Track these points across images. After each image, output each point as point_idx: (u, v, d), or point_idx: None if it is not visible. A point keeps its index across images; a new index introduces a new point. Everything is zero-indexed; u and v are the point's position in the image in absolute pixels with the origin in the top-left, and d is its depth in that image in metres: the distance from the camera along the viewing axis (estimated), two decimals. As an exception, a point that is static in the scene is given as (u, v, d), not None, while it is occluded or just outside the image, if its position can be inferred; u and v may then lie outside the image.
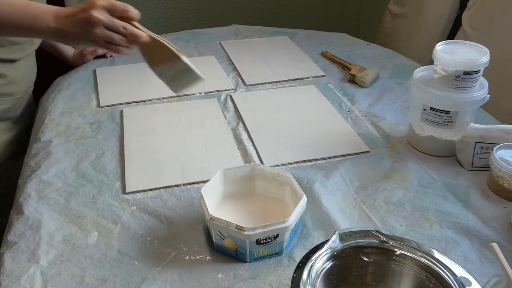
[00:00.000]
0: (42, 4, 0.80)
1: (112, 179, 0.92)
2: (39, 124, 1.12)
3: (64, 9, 0.78)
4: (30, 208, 0.83)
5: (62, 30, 0.76)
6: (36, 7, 0.78)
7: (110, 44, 0.77)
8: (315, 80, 1.32)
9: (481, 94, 0.91)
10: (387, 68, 1.37)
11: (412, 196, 0.87)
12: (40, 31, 0.77)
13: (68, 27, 0.76)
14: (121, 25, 0.76)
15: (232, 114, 1.15)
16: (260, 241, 0.70)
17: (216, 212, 0.80)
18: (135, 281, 0.70)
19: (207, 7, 2.22)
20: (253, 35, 1.64)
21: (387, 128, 1.08)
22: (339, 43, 1.56)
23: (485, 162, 0.92)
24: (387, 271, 0.65)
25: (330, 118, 1.13)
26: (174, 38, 1.61)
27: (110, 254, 0.75)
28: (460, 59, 0.90)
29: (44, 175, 0.92)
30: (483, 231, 0.79)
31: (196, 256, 0.74)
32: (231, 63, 1.42)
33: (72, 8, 0.78)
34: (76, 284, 0.69)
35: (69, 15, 0.77)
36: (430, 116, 0.94)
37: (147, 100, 1.21)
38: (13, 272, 0.71)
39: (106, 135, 1.06)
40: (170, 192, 0.88)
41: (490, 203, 0.86)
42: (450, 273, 0.60)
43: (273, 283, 0.69)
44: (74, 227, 0.80)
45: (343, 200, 0.86)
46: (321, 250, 0.62)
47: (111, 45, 0.77)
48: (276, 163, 0.95)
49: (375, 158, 0.98)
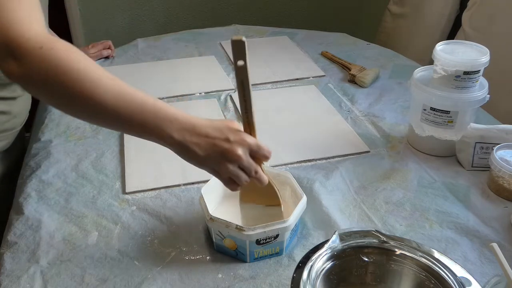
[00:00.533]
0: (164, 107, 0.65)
1: (112, 179, 0.92)
2: (39, 124, 1.12)
3: (196, 121, 0.65)
4: (30, 208, 0.83)
5: (189, 149, 0.63)
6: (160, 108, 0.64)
7: (231, 183, 0.67)
8: (315, 80, 1.32)
9: (481, 94, 0.91)
10: (387, 68, 1.37)
11: (412, 196, 0.87)
12: (156, 137, 0.64)
13: (198, 147, 0.63)
14: (254, 169, 0.66)
15: (232, 114, 1.15)
16: (260, 241, 0.70)
17: (216, 212, 0.80)
18: (135, 281, 0.70)
19: (207, 7, 2.22)
20: (253, 35, 1.64)
21: (387, 128, 1.08)
22: (339, 43, 1.56)
23: (485, 162, 0.92)
24: (387, 271, 0.65)
25: (330, 118, 1.13)
26: (174, 38, 1.61)
27: (110, 254, 0.75)
28: (460, 59, 0.90)
29: (44, 175, 0.92)
30: (483, 231, 0.79)
31: (196, 256, 0.74)
32: (231, 63, 1.42)
33: (210, 125, 0.65)
34: (76, 284, 0.69)
35: (205, 134, 0.64)
36: (430, 116, 0.94)
37: (147, 100, 1.20)
38: (13, 272, 0.71)
39: (106, 135, 1.06)
40: (170, 192, 0.88)
41: (490, 203, 0.86)
42: (450, 273, 0.60)
43: (273, 283, 0.69)
44: (74, 227, 0.80)
45: (343, 200, 0.86)
46: (321, 250, 0.62)
47: (232, 184, 0.67)
48: (276, 163, 0.95)
49: (375, 158, 0.98)
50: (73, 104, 0.61)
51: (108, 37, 1.75)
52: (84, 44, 2.11)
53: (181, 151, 0.65)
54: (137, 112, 0.62)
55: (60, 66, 0.58)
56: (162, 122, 0.63)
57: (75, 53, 0.60)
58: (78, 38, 2.12)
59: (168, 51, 1.51)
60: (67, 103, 0.62)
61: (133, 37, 1.62)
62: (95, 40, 1.46)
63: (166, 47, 1.54)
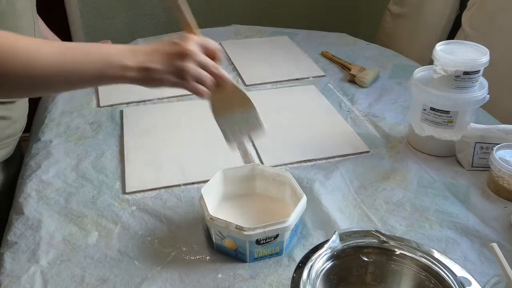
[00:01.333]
0: (107, 45, 0.67)
1: (112, 179, 0.92)
2: (39, 124, 1.12)
3: (140, 46, 0.67)
4: (30, 208, 0.83)
5: (147, 68, 0.64)
6: (103, 47, 0.65)
7: (197, 85, 0.68)
8: (315, 80, 1.32)
9: (481, 94, 0.91)
10: (387, 68, 1.37)
11: (412, 196, 0.87)
12: (114, 75, 0.64)
13: (154, 62, 0.65)
14: (213, 65, 0.68)
15: (232, 114, 1.15)
16: (260, 241, 0.70)
17: (216, 212, 0.80)
18: (135, 281, 0.70)
19: (207, 7, 2.22)
20: (253, 35, 1.64)
21: (387, 128, 1.08)
22: (339, 43, 1.56)
23: (485, 162, 0.92)
24: (387, 271, 0.65)
25: (330, 118, 1.13)
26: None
27: (110, 254, 0.75)
28: (460, 59, 0.90)
29: (44, 175, 0.92)
30: (483, 231, 0.79)
31: (196, 256, 0.74)
32: (231, 63, 1.42)
33: (153, 44, 0.67)
34: (76, 284, 0.69)
35: (153, 50, 0.66)
36: (430, 116, 0.95)
37: (147, 100, 1.21)
38: (13, 272, 0.71)
39: (106, 135, 1.06)
40: (170, 192, 0.88)
41: (490, 203, 0.86)
42: (450, 273, 0.60)
43: (273, 283, 0.69)
44: (74, 227, 0.80)
45: (343, 200, 0.86)
46: (321, 250, 0.62)
47: (199, 87, 0.68)
48: (276, 163, 0.95)
49: (375, 158, 0.98)
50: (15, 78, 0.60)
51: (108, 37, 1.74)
52: (84, 44, 2.11)
53: (143, 76, 0.65)
54: (85, 61, 0.63)
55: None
56: (112, 58, 0.64)
57: (6, 33, 0.60)
58: (78, 38, 2.13)
59: (168, 51, 1.51)
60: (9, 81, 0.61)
61: (133, 37, 1.62)
62: (95, 40, 1.45)
63: (166, 47, 1.54)
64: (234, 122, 0.76)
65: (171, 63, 0.65)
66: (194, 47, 0.66)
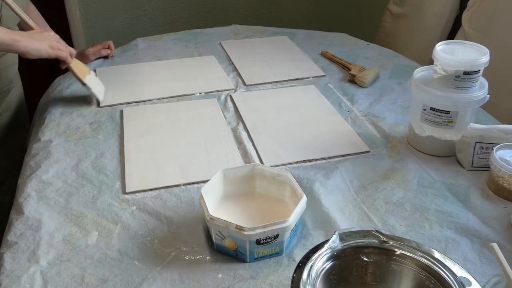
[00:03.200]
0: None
1: (112, 179, 0.92)
2: (39, 124, 1.12)
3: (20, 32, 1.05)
4: (30, 208, 0.83)
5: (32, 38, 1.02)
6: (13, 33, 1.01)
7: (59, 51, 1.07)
8: (315, 80, 1.32)
9: (481, 94, 0.91)
10: (387, 68, 1.37)
11: (412, 196, 0.87)
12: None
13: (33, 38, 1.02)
14: (65, 45, 1.12)
15: (232, 114, 1.15)
16: (260, 241, 0.70)
17: (216, 212, 0.80)
18: (135, 281, 0.70)
19: (207, 7, 2.22)
20: (253, 35, 1.64)
21: (387, 128, 1.08)
22: (339, 43, 1.56)
23: (485, 162, 0.92)
24: (387, 271, 0.65)
25: (330, 118, 1.13)
26: (174, 38, 1.61)
27: (110, 254, 0.75)
28: (460, 59, 0.90)
29: (44, 175, 0.92)
30: (483, 231, 0.79)
31: (196, 256, 0.74)
32: (231, 63, 1.42)
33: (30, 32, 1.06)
34: (76, 284, 0.69)
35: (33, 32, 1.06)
36: (430, 116, 0.95)
37: (147, 100, 1.21)
38: (13, 272, 0.71)
39: (106, 135, 1.06)
40: (170, 192, 0.88)
41: (490, 203, 0.86)
42: (450, 273, 0.60)
43: (273, 283, 0.69)
44: (74, 227, 0.80)
45: (343, 200, 0.86)
46: (321, 250, 0.62)
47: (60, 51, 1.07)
48: (276, 163, 0.95)
49: (375, 158, 0.98)
50: None
51: (108, 37, 1.75)
52: (85, 44, 2.12)
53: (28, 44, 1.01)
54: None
55: None
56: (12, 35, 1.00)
57: None
58: (78, 38, 2.13)
59: (168, 51, 1.51)
60: None
61: (133, 37, 1.62)
62: (95, 40, 1.46)
63: (166, 47, 1.54)
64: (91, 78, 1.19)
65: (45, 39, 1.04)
66: (53, 33, 1.09)
